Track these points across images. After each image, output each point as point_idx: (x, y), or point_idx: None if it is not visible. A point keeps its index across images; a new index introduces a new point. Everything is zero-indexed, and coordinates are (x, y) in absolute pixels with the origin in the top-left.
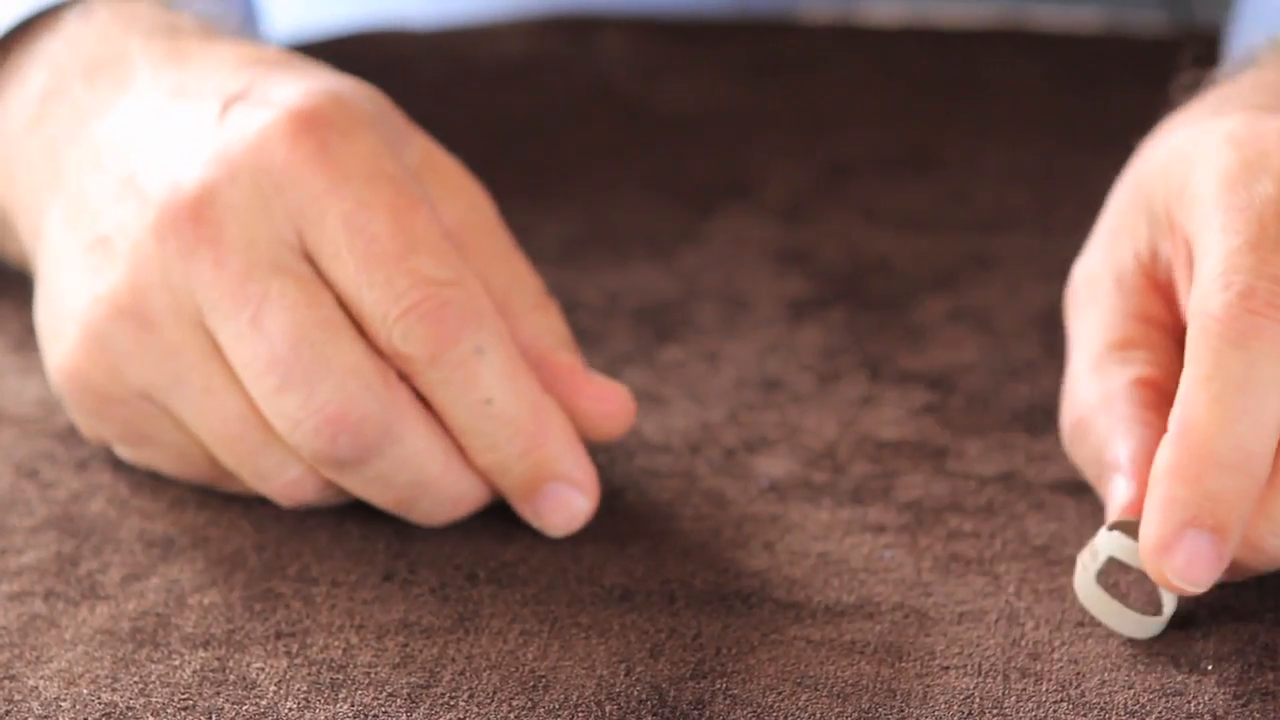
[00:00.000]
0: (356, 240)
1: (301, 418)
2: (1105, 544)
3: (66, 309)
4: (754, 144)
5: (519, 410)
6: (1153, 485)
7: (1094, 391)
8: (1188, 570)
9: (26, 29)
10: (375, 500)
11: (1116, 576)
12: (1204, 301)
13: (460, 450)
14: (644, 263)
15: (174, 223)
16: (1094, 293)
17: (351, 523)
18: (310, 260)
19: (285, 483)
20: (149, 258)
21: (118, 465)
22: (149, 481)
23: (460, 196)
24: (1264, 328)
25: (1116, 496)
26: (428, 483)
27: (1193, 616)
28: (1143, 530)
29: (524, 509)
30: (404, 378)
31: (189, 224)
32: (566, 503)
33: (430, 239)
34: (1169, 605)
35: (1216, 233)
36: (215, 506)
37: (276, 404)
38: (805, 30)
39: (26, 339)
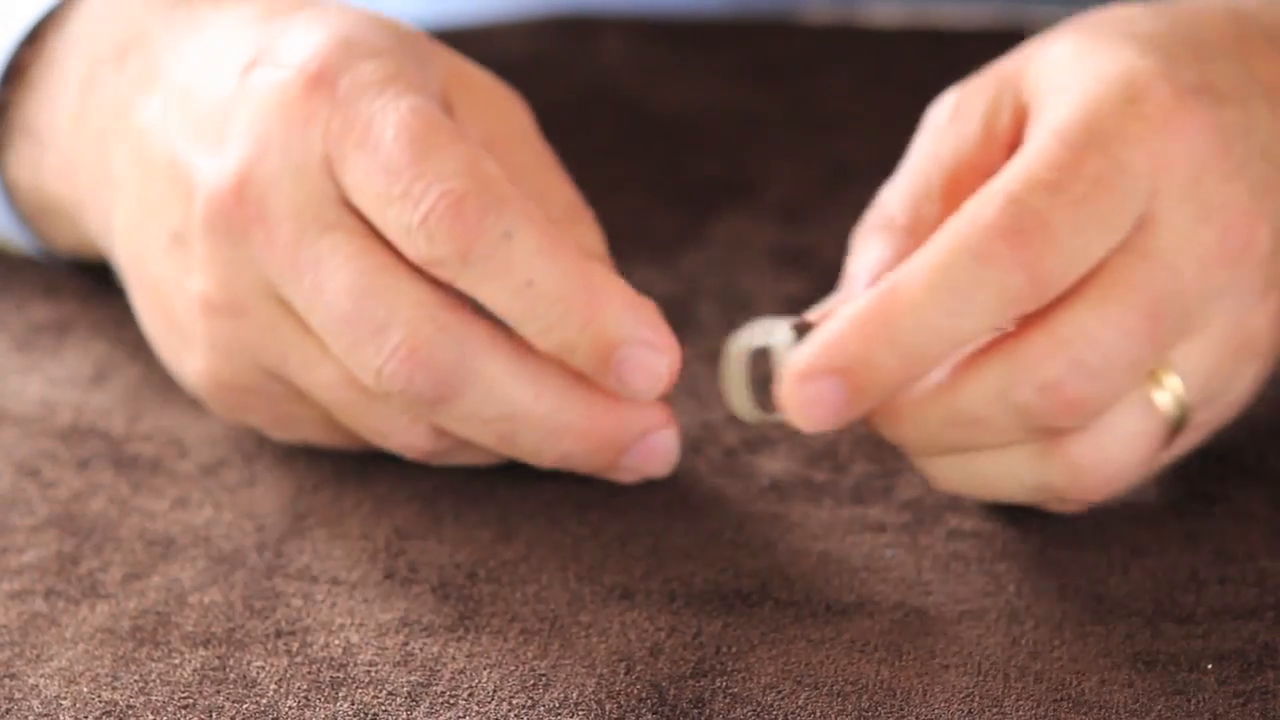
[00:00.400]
0: (372, 163)
1: (378, 365)
2: (779, 333)
3: (171, 317)
4: (754, 144)
5: (564, 284)
6: (833, 318)
7: (886, 210)
8: (807, 407)
9: (54, 12)
10: (481, 441)
11: (764, 365)
12: (985, 201)
13: (555, 375)
14: (644, 263)
15: (221, 211)
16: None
17: (352, 521)
18: (353, 208)
19: (401, 437)
20: (214, 249)
21: (119, 464)
22: (150, 480)
23: (490, 108)
24: (1014, 264)
25: (835, 299)
26: (521, 413)
27: (1192, 615)
28: (800, 348)
29: (607, 382)
30: (469, 303)
31: (234, 209)
32: (643, 365)
33: (441, 141)
34: (781, 416)
35: (1037, 157)
36: (216, 505)
37: (356, 360)
38: (805, 31)
39: (28, 338)
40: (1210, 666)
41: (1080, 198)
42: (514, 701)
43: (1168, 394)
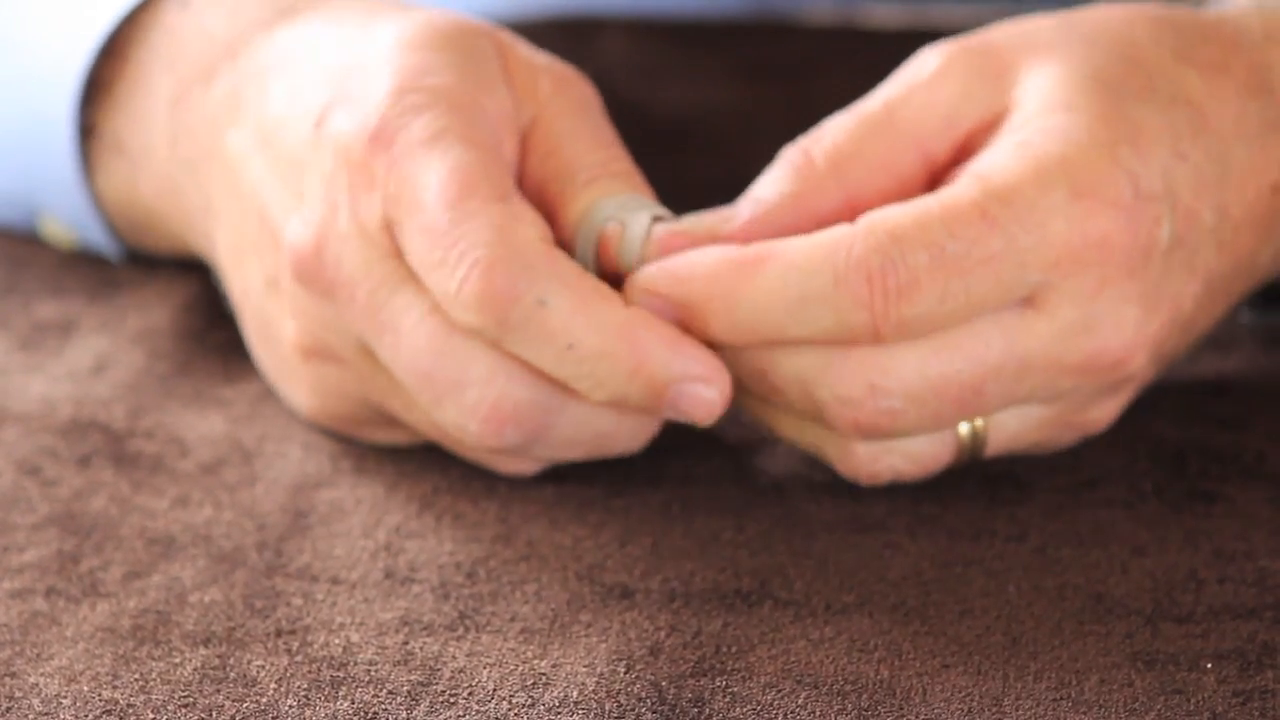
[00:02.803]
0: (417, 227)
1: (463, 423)
2: (638, 220)
3: (277, 354)
4: (755, 146)
5: (605, 341)
6: (698, 254)
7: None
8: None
9: (127, 24)
10: (579, 458)
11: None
12: (877, 229)
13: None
14: None
15: (307, 270)
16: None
17: (352, 520)
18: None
19: (510, 468)
20: (306, 303)
21: (119, 462)
22: (150, 479)
23: (529, 103)
24: (858, 294)
25: (719, 213)
26: (610, 431)
27: (1192, 615)
28: (661, 263)
29: (667, 416)
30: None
31: (317, 269)
32: (697, 400)
33: (475, 205)
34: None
35: (975, 183)
36: (216, 504)
37: (440, 416)
38: (805, 32)
39: (31, 337)
40: (1210, 666)
41: (960, 270)
42: (514, 700)
43: (969, 428)
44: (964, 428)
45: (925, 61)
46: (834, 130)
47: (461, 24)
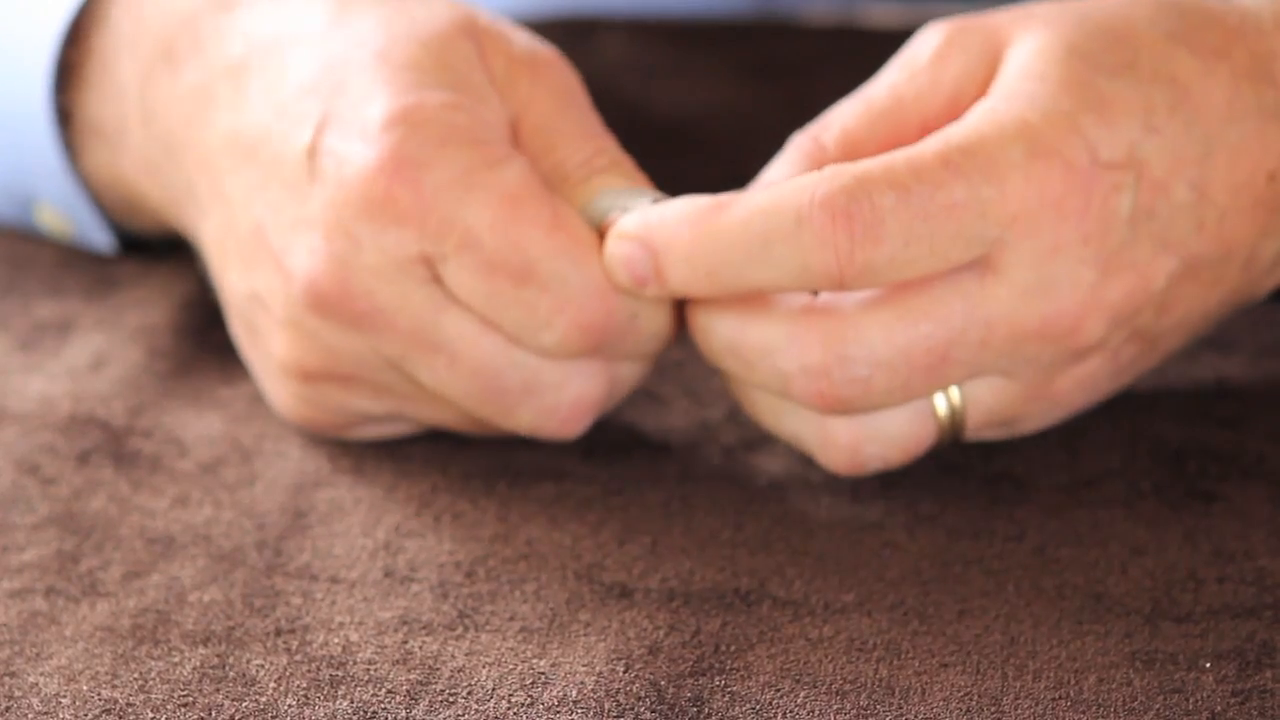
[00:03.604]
0: (477, 265)
1: (540, 424)
2: (639, 204)
3: (263, 364)
4: (755, 146)
5: (671, 314)
6: (673, 202)
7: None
8: (616, 261)
9: (90, 5)
10: None
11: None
12: (840, 171)
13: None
14: None
15: (325, 303)
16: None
17: (352, 519)
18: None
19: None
20: (319, 332)
21: (118, 460)
22: (149, 479)
23: (510, 98)
24: (823, 231)
25: (727, 196)
26: (637, 379)
27: (1191, 614)
28: (637, 212)
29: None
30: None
31: (339, 301)
32: None
33: (539, 234)
34: None
35: (940, 142)
36: (215, 503)
37: (515, 423)
38: (805, 31)
39: (30, 337)
40: (1208, 665)
41: (923, 213)
42: (513, 700)
43: (946, 405)
44: (941, 405)
45: (925, 42)
46: (842, 116)
47: (438, 26)
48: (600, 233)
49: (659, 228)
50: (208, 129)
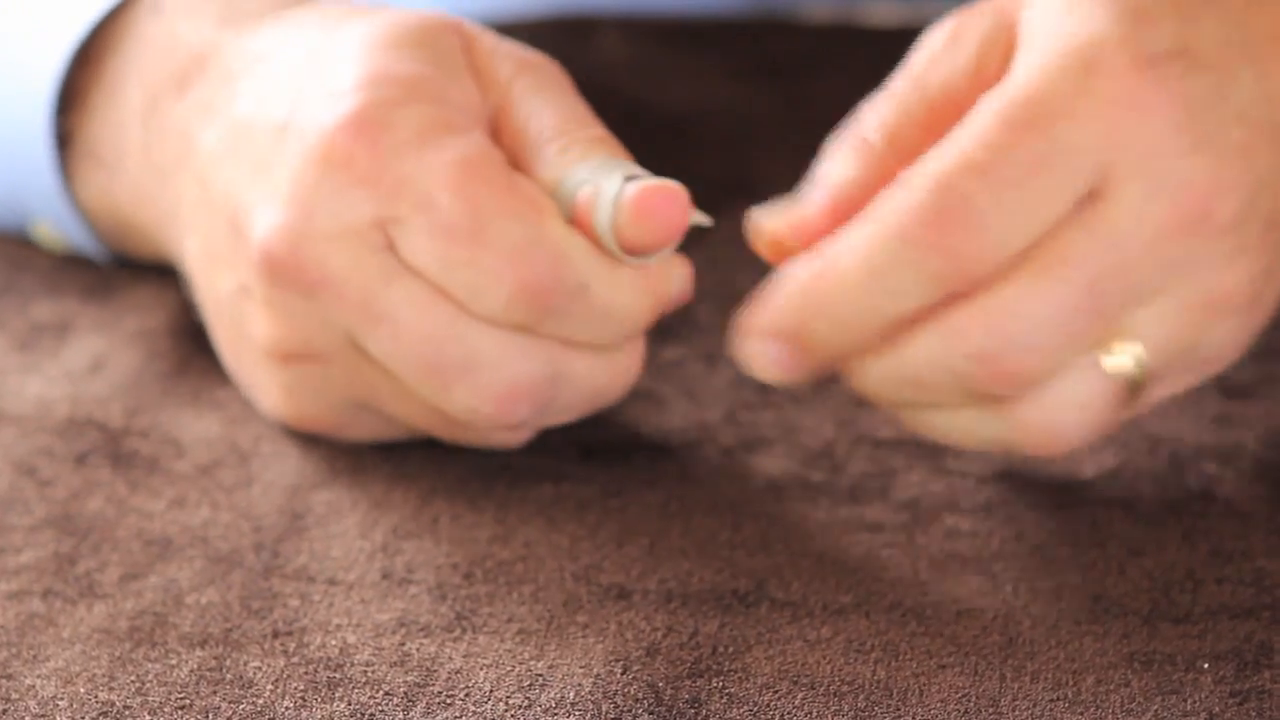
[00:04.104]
0: (431, 226)
1: (475, 405)
2: (610, 183)
3: (249, 360)
4: (754, 144)
5: (636, 298)
6: (778, 286)
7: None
8: (763, 363)
9: (102, 30)
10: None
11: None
12: (917, 181)
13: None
14: None
15: (282, 270)
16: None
17: (349, 521)
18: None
19: (501, 441)
20: (282, 303)
21: (116, 461)
22: (147, 480)
23: (492, 90)
24: (928, 242)
25: (792, 204)
26: (604, 386)
27: (1189, 615)
28: (755, 310)
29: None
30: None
31: (294, 269)
32: (683, 283)
33: (496, 199)
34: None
35: (986, 121)
36: (213, 505)
37: (448, 401)
38: (805, 30)
39: (28, 338)
40: (1207, 666)
41: (1012, 181)
42: (510, 702)
43: (1125, 357)
44: (1119, 356)
45: (938, 30)
46: (878, 113)
47: (425, 20)
48: (573, 213)
49: (781, 313)
50: (200, 142)
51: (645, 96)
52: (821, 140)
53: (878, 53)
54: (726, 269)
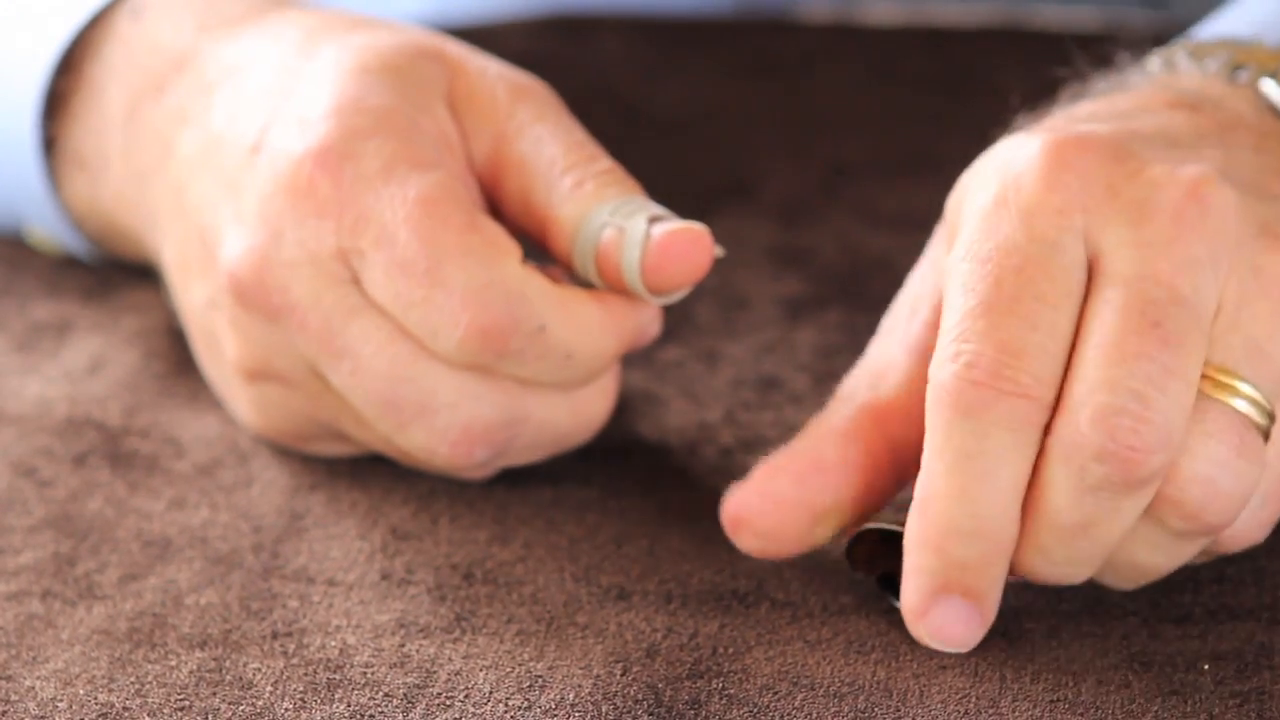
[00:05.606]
0: (388, 262)
1: (432, 447)
2: (636, 224)
3: (222, 373)
4: (753, 144)
5: (598, 341)
6: (907, 553)
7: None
8: (943, 633)
9: (83, 35)
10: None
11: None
12: (936, 369)
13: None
14: None
15: (248, 295)
16: (901, 315)
17: (349, 522)
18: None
19: (469, 475)
20: (249, 326)
21: (115, 462)
22: (146, 481)
23: (489, 120)
24: (989, 399)
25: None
26: (567, 430)
27: (1189, 615)
28: (902, 597)
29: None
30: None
31: (259, 295)
32: (651, 323)
33: (453, 238)
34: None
35: (958, 288)
36: (212, 506)
37: (405, 440)
38: (804, 30)
39: (28, 338)
40: (1207, 667)
41: (1013, 300)
42: (510, 703)
43: (1240, 399)
44: (1230, 401)
45: (900, 304)
46: (851, 384)
47: (406, 47)
48: (597, 256)
49: (923, 568)
50: (176, 149)
51: (643, 96)
52: (819, 139)
53: (877, 52)
54: (725, 269)
